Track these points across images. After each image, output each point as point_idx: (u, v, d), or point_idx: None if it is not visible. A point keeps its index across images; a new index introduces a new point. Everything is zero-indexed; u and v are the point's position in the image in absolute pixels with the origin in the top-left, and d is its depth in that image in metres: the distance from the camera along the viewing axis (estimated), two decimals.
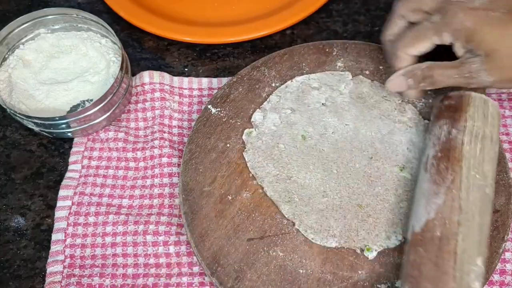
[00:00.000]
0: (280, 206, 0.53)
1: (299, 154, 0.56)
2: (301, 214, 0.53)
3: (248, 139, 0.57)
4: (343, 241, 0.51)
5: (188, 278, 0.53)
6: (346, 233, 0.52)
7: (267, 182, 0.55)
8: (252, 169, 0.55)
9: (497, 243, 0.50)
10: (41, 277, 0.54)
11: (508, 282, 0.52)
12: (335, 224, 0.52)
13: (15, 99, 0.60)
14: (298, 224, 0.52)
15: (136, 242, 0.54)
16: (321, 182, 0.54)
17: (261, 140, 0.57)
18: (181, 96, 0.64)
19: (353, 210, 0.53)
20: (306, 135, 0.56)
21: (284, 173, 0.55)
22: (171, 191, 0.57)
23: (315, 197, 0.53)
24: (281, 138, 0.57)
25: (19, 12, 0.70)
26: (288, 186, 0.54)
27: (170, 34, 0.66)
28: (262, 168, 0.55)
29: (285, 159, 0.56)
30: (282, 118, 0.58)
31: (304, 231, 0.52)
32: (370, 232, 0.51)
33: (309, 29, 0.69)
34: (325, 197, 0.53)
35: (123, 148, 0.60)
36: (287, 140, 0.57)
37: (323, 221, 0.52)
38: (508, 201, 0.52)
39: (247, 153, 0.56)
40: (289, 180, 0.55)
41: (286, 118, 0.58)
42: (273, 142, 0.57)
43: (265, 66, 0.61)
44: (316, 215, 0.53)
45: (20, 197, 0.58)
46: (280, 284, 0.50)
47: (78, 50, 0.63)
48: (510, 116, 0.61)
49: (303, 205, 0.53)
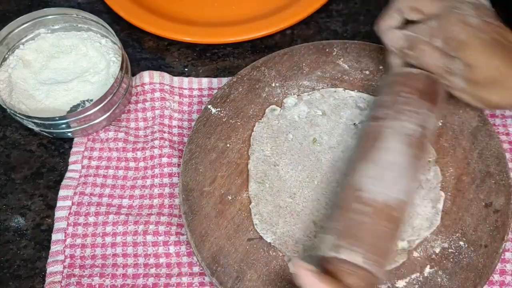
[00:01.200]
0: (250, 182, 0.54)
1: (299, 151, 0.56)
2: (262, 199, 0.54)
3: (269, 113, 0.58)
4: (278, 243, 0.51)
5: (188, 278, 0.53)
6: (285, 238, 0.52)
7: (255, 157, 0.56)
8: (252, 139, 0.56)
9: (497, 243, 0.50)
10: (41, 277, 0.54)
11: (508, 282, 0.52)
12: (282, 225, 0.52)
13: (15, 99, 0.60)
14: (252, 205, 0.53)
15: (136, 242, 0.54)
16: (297, 184, 0.55)
17: (278, 121, 0.58)
18: (181, 96, 0.64)
19: (306, 223, 0.53)
20: (318, 141, 0.56)
21: (274, 158, 0.56)
22: (171, 191, 0.57)
23: (282, 193, 0.54)
24: (295, 130, 0.57)
25: (19, 12, 0.70)
26: (269, 170, 0.55)
27: (170, 34, 0.66)
28: (260, 143, 0.56)
29: (284, 148, 0.56)
30: (310, 115, 0.58)
31: (253, 214, 0.53)
32: (305, 250, 0.51)
33: (309, 29, 0.69)
34: (291, 198, 0.54)
35: (123, 148, 0.60)
36: (299, 135, 0.57)
37: (274, 216, 0.53)
38: (508, 201, 0.52)
39: (259, 124, 0.57)
40: (273, 166, 0.55)
41: (313, 117, 0.58)
42: (286, 129, 0.57)
43: (265, 66, 0.61)
44: (273, 208, 0.53)
45: (20, 197, 0.58)
46: (280, 284, 0.50)
47: (78, 50, 0.63)
48: (510, 116, 0.61)
49: (269, 193, 0.54)
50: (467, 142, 0.56)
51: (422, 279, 0.50)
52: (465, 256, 0.50)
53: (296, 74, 0.61)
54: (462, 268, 0.50)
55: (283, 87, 0.60)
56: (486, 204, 0.52)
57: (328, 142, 0.57)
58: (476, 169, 0.54)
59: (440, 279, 0.49)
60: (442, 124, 0.56)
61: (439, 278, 0.49)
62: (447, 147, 0.56)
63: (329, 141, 0.57)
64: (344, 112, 0.59)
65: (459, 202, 0.53)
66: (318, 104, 0.59)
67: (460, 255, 0.50)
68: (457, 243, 0.51)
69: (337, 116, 0.58)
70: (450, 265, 0.50)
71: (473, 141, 0.56)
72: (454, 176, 0.54)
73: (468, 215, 0.52)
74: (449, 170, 0.54)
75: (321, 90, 0.60)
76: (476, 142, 0.56)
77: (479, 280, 0.49)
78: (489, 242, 0.51)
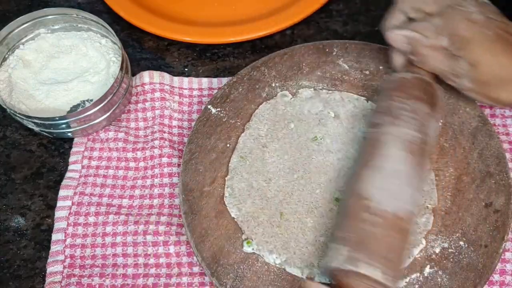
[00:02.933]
0: (234, 155, 0.56)
1: (293, 142, 0.56)
2: (238, 174, 0.55)
3: (279, 97, 0.59)
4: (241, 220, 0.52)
5: (188, 278, 0.53)
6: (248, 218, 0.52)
7: (249, 133, 0.57)
8: (254, 115, 0.58)
9: (497, 243, 0.50)
10: (41, 277, 0.54)
11: (508, 282, 0.52)
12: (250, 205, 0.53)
13: (15, 99, 0.60)
14: (228, 178, 0.55)
15: (136, 242, 0.54)
16: (276, 171, 0.55)
17: (285, 107, 0.58)
18: (181, 96, 0.64)
19: (273, 210, 0.53)
20: (318, 140, 0.56)
21: (265, 140, 0.56)
22: (171, 191, 0.57)
23: (259, 175, 0.55)
24: (299, 122, 0.58)
25: (19, 12, 0.70)
26: (255, 149, 0.56)
27: (170, 34, 0.66)
28: (259, 122, 0.57)
29: (280, 134, 0.57)
30: (322, 113, 0.58)
31: (226, 186, 0.54)
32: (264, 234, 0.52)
33: (309, 29, 0.69)
34: (266, 183, 0.54)
35: (123, 148, 0.60)
36: (301, 128, 0.57)
37: (244, 194, 0.54)
38: (508, 201, 0.52)
39: (265, 104, 0.58)
40: (261, 147, 0.56)
41: (324, 116, 0.58)
42: (290, 117, 0.58)
43: (265, 66, 0.61)
44: (245, 186, 0.54)
45: (20, 197, 0.58)
46: (280, 284, 0.50)
47: (78, 50, 0.63)
48: (510, 116, 0.61)
49: (246, 171, 0.55)
50: (467, 142, 0.56)
51: (422, 279, 0.50)
52: (465, 256, 0.50)
53: (296, 74, 0.61)
54: (462, 268, 0.50)
55: (283, 87, 0.60)
56: (486, 204, 0.52)
57: (328, 146, 0.56)
58: (476, 169, 0.54)
59: (440, 279, 0.49)
60: (442, 124, 0.56)
61: (439, 278, 0.49)
62: (447, 147, 0.56)
63: (330, 144, 0.56)
64: (359, 123, 0.57)
65: (459, 202, 0.53)
66: (335, 105, 0.58)
67: (460, 255, 0.50)
68: (457, 243, 0.51)
69: (350, 124, 0.57)
70: (450, 265, 0.50)
71: (473, 141, 0.56)
72: (454, 176, 0.54)
73: (468, 215, 0.52)
74: (449, 170, 0.54)
75: (342, 93, 0.59)
76: (476, 142, 0.56)
77: (479, 280, 0.49)
78: (489, 242, 0.51)
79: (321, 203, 0.53)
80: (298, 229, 0.52)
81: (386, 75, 0.55)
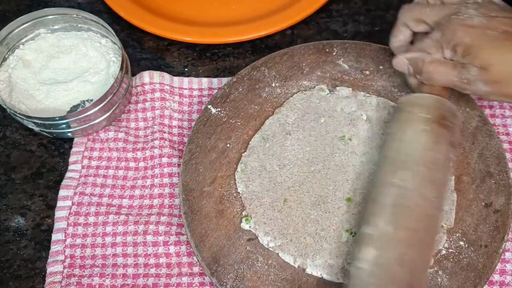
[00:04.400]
0: (257, 134, 0.57)
1: (319, 136, 0.56)
2: (255, 153, 0.56)
3: (316, 91, 0.59)
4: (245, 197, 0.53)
5: (188, 278, 0.53)
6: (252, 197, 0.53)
7: (277, 117, 0.58)
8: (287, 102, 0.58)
9: (497, 243, 0.51)
10: (41, 277, 0.54)
11: (508, 282, 0.52)
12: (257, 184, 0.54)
13: (15, 99, 0.60)
14: (245, 154, 0.56)
15: (136, 242, 0.54)
16: (293, 159, 0.55)
17: (319, 101, 0.59)
18: (181, 96, 0.64)
19: (278, 195, 0.53)
20: (345, 140, 0.56)
21: (291, 127, 0.57)
22: (171, 191, 0.57)
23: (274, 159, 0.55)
24: (330, 118, 0.58)
25: (19, 12, 0.70)
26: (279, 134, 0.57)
27: (170, 34, 0.66)
28: (290, 109, 0.58)
29: (307, 126, 0.57)
30: (354, 114, 0.58)
31: (241, 162, 0.55)
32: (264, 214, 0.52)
33: (309, 29, 0.69)
34: (278, 167, 0.55)
35: (123, 148, 0.60)
36: (331, 125, 0.57)
37: (254, 173, 0.54)
38: (508, 201, 0.52)
39: (300, 94, 0.59)
40: (284, 134, 0.57)
41: (356, 117, 0.58)
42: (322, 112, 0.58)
43: (265, 66, 0.61)
44: (258, 166, 0.55)
45: (20, 197, 0.58)
46: (280, 284, 0.50)
47: (78, 50, 0.63)
48: (510, 116, 0.61)
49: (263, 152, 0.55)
50: (467, 142, 0.56)
51: None
52: (465, 256, 0.50)
53: (296, 74, 0.61)
54: (462, 268, 0.50)
55: (283, 87, 0.60)
56: (486, 204, 0.53)
57: (355, 147, 0.56)
58: (476, 169, 0.54)
59: (440, 279, 0.49)
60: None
61: (439, 278, 0.49)
62: None
63: (356, 146, 0.56)
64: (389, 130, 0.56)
65: (459, 202, 0.53)
66: (370, 109, 0.58)
67: (460, 255, 0.50)
68: (457, 243, 0.51)
69: (381, 130, 0.57)
70: (450, 265, 0.50)
71: (473, 141, 0.56)
72: (454, 176, 0.54)
73: (468, 215, 0.52)
74: None
75: (379, 98, 0.59)
76: (476, 142, 0.56)
77: (479, 280, 0.49)
78: (489, 242, 0.51)
79: (330, 199, 0.53)
80: (300, 218, 0.52)
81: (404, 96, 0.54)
